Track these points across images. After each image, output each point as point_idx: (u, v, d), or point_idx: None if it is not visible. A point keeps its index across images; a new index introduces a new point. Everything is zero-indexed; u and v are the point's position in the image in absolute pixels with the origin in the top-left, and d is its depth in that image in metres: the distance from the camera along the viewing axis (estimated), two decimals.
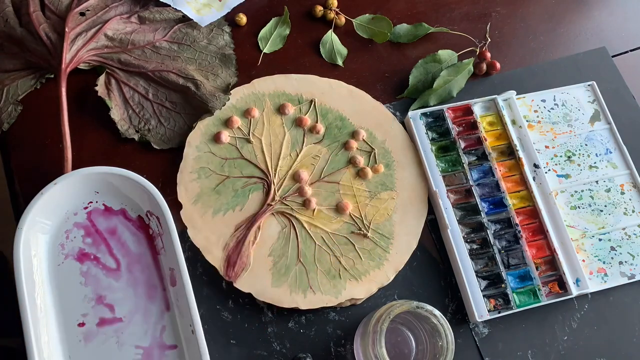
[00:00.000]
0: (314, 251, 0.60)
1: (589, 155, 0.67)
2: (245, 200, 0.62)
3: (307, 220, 0.61)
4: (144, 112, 0.64)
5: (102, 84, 0.64)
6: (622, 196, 0.65)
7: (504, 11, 0.76)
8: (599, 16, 0.77)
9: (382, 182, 0.64)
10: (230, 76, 0.68)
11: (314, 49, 0.71)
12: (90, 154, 0.63)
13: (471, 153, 0.65)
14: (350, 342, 0.58)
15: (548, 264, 0.61)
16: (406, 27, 0.72)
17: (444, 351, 0.50)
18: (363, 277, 0.59)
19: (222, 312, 0.58)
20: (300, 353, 0.57)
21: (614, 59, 0.74)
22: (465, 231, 0.62)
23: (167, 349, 0.55)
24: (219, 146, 0.64)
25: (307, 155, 0.65)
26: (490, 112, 0.68)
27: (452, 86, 0.68)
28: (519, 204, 0.64)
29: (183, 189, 0.62)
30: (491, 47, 0.73)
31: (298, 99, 0.67)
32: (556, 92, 0.70)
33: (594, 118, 0.69)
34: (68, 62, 0.62)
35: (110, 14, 0.66)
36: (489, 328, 0.60)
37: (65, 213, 0.59)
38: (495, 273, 0.60)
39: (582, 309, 0.61)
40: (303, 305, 0.58)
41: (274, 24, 0.72)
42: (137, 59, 0.65)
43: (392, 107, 0.68)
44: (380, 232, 0.61)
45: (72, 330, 0.55)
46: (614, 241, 0.63)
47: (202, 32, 0.68)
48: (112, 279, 0.57)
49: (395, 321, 0.54)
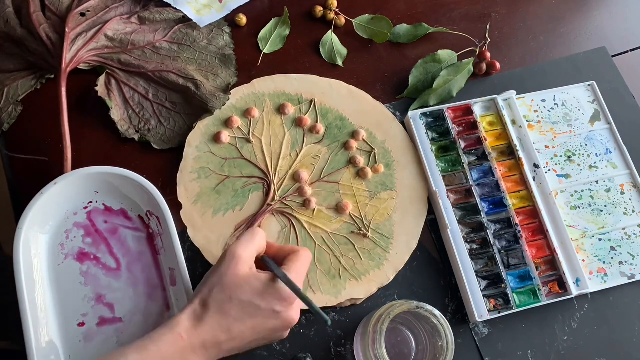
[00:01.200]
0: (314, 251, 0.60)
1: (589, 155, 0.67)
2: (245, 200, 0.62)
3: (307, 220, 0.61)
4: (144, 112, 0.64)
5: (102, 84, 0.64)
6: (622, 196, 0.65)
7: (504, 11, 0.76)
8: (599, 16, 0.77)
9: (382, 182, 0.64)
10: (230, 76, 0.68)
11: (314, 49, 0.71)
12: (90, 154, 0.63)
13: (471, 153, 0.65)
14: (350, 342, 0.58)
15: (548, 264, 0.61)
16: (406, 27, 0.72)
17: (444, 351, 0.50)
18: (363, 277, 0.59)
19: None
20: (300, 353, 0.57)
21: (614, 59, 0.74)
22: (465, 231, 0.62)
23: None
24: (219, 146, 0.64)
25: (307, 155, 0.65)
26: (490, 112, 0.68)
27: (452, 86, 0.68)
28: (519, 204, 0.64)
29: (183, 189, 0.62)
30: (491, 47, 0.73)
31: (298, 99, 0.67)
32: (556, 92, 0.70)
33: (594, 118, 0.69)
34: (68, 63, 0.62)
35: (111, 15, 0.66)
36: (489, 328, 0.60)
37: (65, 213, 0.59)
38: (495, 273, 0.60)
39: (582, 309, 0.61)
40: (303, 305, 0.58)
41: (274, 24, 0.72)
42: (137, 60, 0.65)
43: (392, 107, 0.68)
44: (380, 232, 0.61)
45: (72, 330, 0.55)
46: (614, 241, 0.63)
47: (202, 33, 0.68)
48: (112, 279, 0.57)
49: (395, 321, 0.54)
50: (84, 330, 0.55)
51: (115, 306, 0.56)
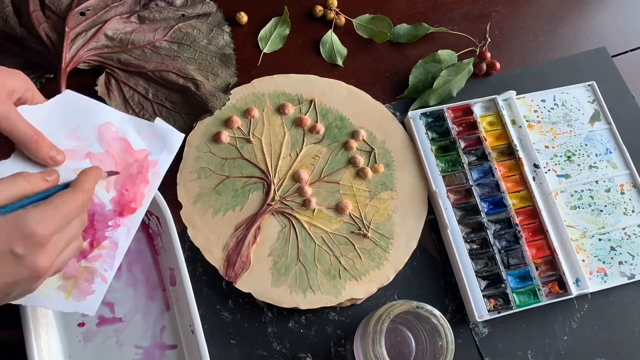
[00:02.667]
0: (314, 251, 0.60)
1: (588, 155, 0.67)
2: (245, 200, 0.62)
3: (307, 220, 0.61)
4: (144, 112, 0.64)
5: (102, 84, 0.64)
6: (622, 196, 0.65)
7: (504, 11, 0.76)
8: (599, 16, 0.77)
9: (382, 182, 0.64)
10: (230, 76, 0.67)
11: (314, 49, 0.71)
12: None
13: (471, 153, 0.65)
14: (350, 342, 0.58)
15: (548, 264, 0.61)
16: (406, 27, 0.72)
17: (444, 351, 0.50)
18: (363, 277, 0.59)
19: (222, 312, 0.58)
20: (300, 353, 0.57)
21: (614, 59, 0.74)
22: (465, 231, 0.62)
23: (167, 348, 0.55)
24: (219, 146, 0.64)
25: (307, 155, 0.65)
26: (490, 112, 0.68)
27: (452, 86, 0.68)
28: (519, 204, 0.64)
29: (183, 189, 0.62)
30: (491, 47, 0.73)
31: (298, 99, 0.67)
32: (556, 92, 0.70)
33: (594, 118, 0.69)
34: (68, 62, 0.62)
35: (111, 14, 0.66)
36: (489, 328, 0.60)
37: None
38: (495, 273, 0.60)
39: (582, 309, 0.61)
40: (303, 305, 0.58)
41: (274, 23, 0.72)
42: (137, 59, 0.65)
43: (392, 107, 0.68)
44: (380, 232, 0.61)
45: (72, 330, 0.55)
46: (613, 241, 0.63)
47: (202, 32, 0.68)
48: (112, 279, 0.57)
49: (395, 321, 0.54)
50: (83, 330, 0.55)
51: (115, 306, 0.56)
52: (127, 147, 0.47)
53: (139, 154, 0.48)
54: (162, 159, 0.48)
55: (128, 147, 0.47)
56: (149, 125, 0.48)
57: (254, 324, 0.58)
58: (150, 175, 0.48)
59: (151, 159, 0.48)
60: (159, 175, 0.48)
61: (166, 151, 0.48)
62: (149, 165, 0.48)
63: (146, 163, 0.48)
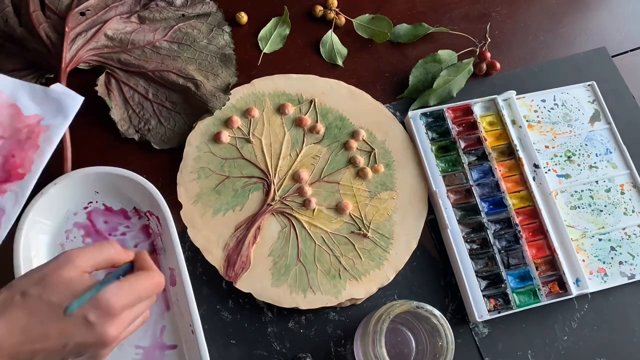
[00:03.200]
0: (314, 251, 0.60)
1: (589, 155, 0.67)
2: (245, 200, 0.62)
3: (307, 220, 0.61)
4: (144, 112, 0.64)
5: (102, 84, 0.64)
6: (622, 196, 0.65)
7: (504, 11, 0.76)
8: (599, 16, 0.77)
9: (382, 182, 0.64)
10: (230, 76, 0.68)
11: (314, 49, 0.71)
12: (90, 154, 0.63)
13: (471, 153, 0.65)
14: (350, 342, 0.58)
15: (548, 264, 0.61)
16: (406, 27, 0.72)
17: (444, 351, 0.50)
18: (363, 277, 0.59)
19: (222, 312, 0.58)
20: (300, 353, 0.57)
21: (614, 59, 0.74)
22: (465, 231, 0.62)
23: (167, 348, 0.55)
24: (219, 146, 0.64)
25: (307, 155, 0.65)
26: (490, 112, 0.68)
27: (452, 86, 0.68)
28: (519, 204, 0.64)
29: (183, 189, 0.62)
30: (491, 47, 0.73)
31: (298, 99, 0.67)
32: (556, 92, 0.70)
33: (594, 118, 0.69)
34: (68, 62, 0.62)
35: (111, 14, 0.66)
36: (489, 328, 0.60)
37: (65, 213, 0.59)
38: (495, 273, 0.60)
39: (582, 309, 0.61)
40: (303, 305, 0.58)
41: (274, 23, 0.72)
42: (137, 59, 0.65)
43: (392, 107, 0.68)
44: (380, 232, 0.61)
45: None
46: (614, 241, 0.63)
47: (202, 32, 0.68)
48: None
49: (395, 321, 0.54)
50: None
51: None
52: (17, 112, 0.45)
53: (30, 119, 0.45)
54: (56, 124, 0.46)
55: (18, 113, 0.45)
56: (44, 90, 0.46)
57: (254, 324, 0.58)
58: (42, 140, 0.45)
59: (44, 124, 0.46)
60: (52, 140, 0.46)
61: (61, 116, 0.46)
62: (41, 130, 0.46)
63: (37, 128, 0.46)
